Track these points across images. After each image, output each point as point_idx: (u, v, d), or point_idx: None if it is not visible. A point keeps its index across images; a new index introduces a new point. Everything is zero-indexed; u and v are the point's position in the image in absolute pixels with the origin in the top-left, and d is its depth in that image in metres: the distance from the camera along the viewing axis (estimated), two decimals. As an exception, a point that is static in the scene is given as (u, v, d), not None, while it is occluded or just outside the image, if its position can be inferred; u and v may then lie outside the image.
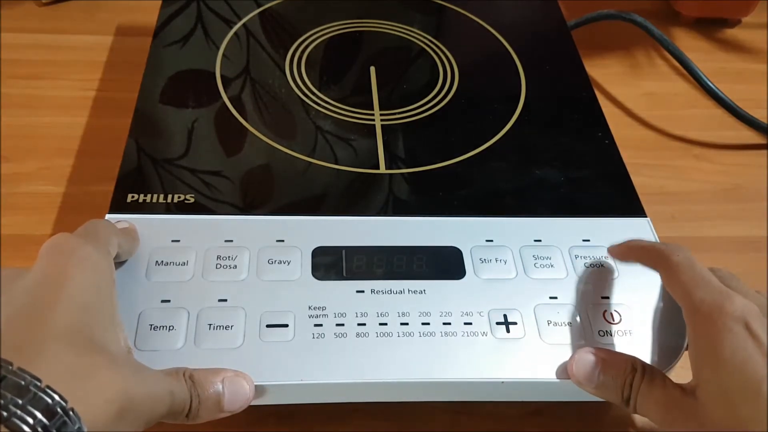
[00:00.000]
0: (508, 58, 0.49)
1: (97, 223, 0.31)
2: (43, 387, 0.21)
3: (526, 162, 0.41)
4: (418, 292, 0.33)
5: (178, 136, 0.40)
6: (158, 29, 0.48)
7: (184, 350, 0.30)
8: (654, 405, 0.29)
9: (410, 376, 0.30)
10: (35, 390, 0.21)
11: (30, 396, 0.21)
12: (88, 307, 0.26)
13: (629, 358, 0.30)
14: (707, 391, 0.27)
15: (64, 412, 0.21)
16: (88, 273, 0.27)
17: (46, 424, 0.21)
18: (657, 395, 0.29)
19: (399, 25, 0.51)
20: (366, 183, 0.39)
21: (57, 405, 0.21)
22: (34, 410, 0.21)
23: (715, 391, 0.26)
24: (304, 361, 0.30)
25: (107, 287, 0.28)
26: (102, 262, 0.28)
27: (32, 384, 0.21)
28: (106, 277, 0.28)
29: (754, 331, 0.26)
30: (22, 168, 0.45)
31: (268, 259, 0.34)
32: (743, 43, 0.62)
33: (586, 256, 0.35)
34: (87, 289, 0.26)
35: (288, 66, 0.46)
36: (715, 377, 0.27)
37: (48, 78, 0.52)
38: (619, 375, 0.30)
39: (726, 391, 0.26)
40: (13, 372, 0.21)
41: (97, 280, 0.27)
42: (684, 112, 0.55)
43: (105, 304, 0.27)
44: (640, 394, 0.29)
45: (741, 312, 0.27)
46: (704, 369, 0.27)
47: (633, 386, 0.29)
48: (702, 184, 0.49)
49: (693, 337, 0.28)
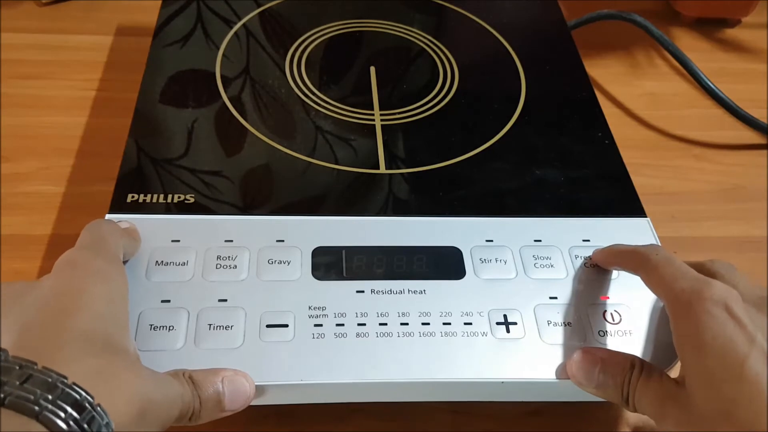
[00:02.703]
0: (508, 58, 0.49)
1: (102, 228, 0.31)
2: (69, 383, 0.22)
3: (526, 162, 0.41)
4: (418, 292, 0.33)
5: (178, 136, 0.40)
6: (158, 29, 0.48)
7: (184, 350, 0.30)
8: (650, 400, 0.29)
9: (410, 376, 0.30)
10: (62, 386, 0.21)
11: (59, 392, 0.21)
12: (103, 315, 0.26)
13: (628, 356, 0.31)
14: (692, 376, 0.27)
15: (92, 407, 0.22)
16: (100, 285, 0.27)
17: (77, 417, 0.21)
18: (653, 390, 0.29)
19: (399, 25, 0.51)
20: (366, 183, 0.39)
21: (85, 400, 0.22)
22: (65, 404, 0.21)
23: (699, 375, 0.26)
24: (304, 361, 0.30)
25: (120, 296, 0.28)
26: (113, 272, 0.29)
27: (59, 381, 0.22)
28: (119, 286, 0.28)
29: (734, 313, 0.26)
30: (22, 168, 0.45)
31: (268, 259, 0.34)
32: (743, 43, 0.62)
33: (586, 256, 0.35)
34: (101, 300, 0.27)
35: (288, 66, 0.46)
36: (697, 362, 0.27)
37: (48, 78, 0.52)
38: (618, 373, 0.30)
39: (710, 375, 0.26)
40: (39, 370, 0.22)
41: (110, 290, 0.28)
42: (684, 112, 0.55)
43: (119, 311, 0.28)
44: (638, 391, 0.29)
45: (720, 296, 0.27)
46: (688, 355, 0.27)
47: (631, 384, 0.29)
48: (702, 184, 0.49)
49: (675, 326, 0.28)
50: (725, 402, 0.25)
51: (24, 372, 0.21)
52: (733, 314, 0.26)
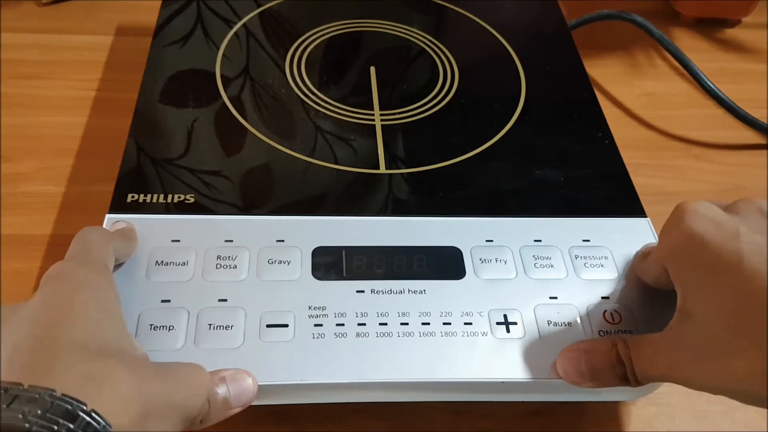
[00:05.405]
0: (508, 58, 0.49)
1: (89, 237, 0.30)
2: (58, 396, 0.21)
3: (526, 162, 0.41)
4: (418, 292, 0.33)
5: (178, 136, 0.40)
6: (158, 29, 0.48)
7: (184, 350, 0.30)
8: (652, 363, 0.28)
9: (410, 376, 0.30)
10: (51, 399, 0.21)
11: (47, 406, 0.21)
12: (95, 320, 0.26)
13: (608, 339, 0.31)
14: (690, 298, 0.28)
15: (86, 414, 0.21)
16: (87, 293, 0.27)
17: (70, 427, 0.21)
18: (650, 353, 0.29)
19: (399, 25, 0.51)
20: (366, 183, 0.39)
21: (77, 408, 0.21)
22: (55, 416, 0.21)
23: (697, 290, 0.27)
24: (304, 361, 0.30)
25: (111, 302, 0.28)
26: (101, 280, 0.28)
27: (47, 394, 0.21)
28: (108, 293, 0.28)
29: (711, 217, 0.28)
30: (22, 168, 0.45)
31: (268, 259, 0.34)
32: (743, 43, 0.62)
33: (586, 256, 0.35)
34: (91, 308, 0.26)
35: (288, 66, 0.46)
36: (693, 276, 0.27)
37: (48, 78, 0.52)
38: (603, 357, 0.30)
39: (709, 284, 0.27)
40: (25, 390, 0.21)
41: (99, 299, 0.27)
42: (684, 112, 0.55)
43: (112, 317, 0.27)
44: (637, 364, 0.29)
45: (690, 206, 0.28)
46: (686, 280, 0.28)
47: (624, 360, 0.29)
48: (702, 184, 0.49)
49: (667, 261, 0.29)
50: (717, 294, 0.26)
51: (9, 395, 0.21)
52: (711, 218, 0.27)
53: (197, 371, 0.27)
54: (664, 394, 0.36)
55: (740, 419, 0.36)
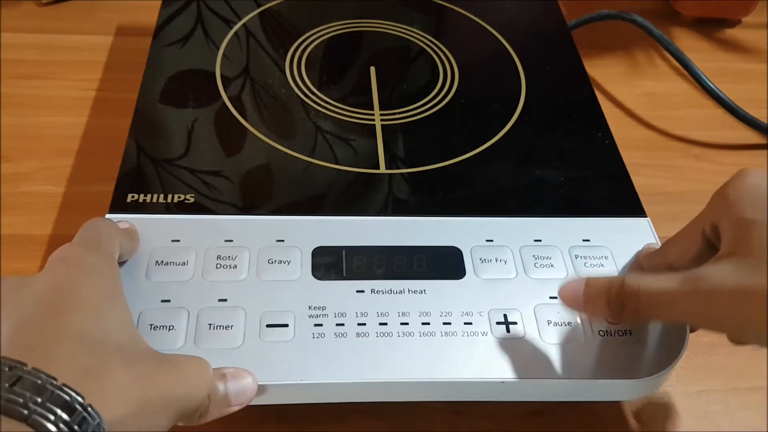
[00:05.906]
0: (508, 58, 0.49)
1: (99, 226, 0.31)
2: (59, 385, 0.22)
3: (526, 162, 0.41)
4: (418, 292, 0.33)
5: (178, 136, 0.40)
6: (158, 29, 0.48)
7: (184, 350, 0.30)
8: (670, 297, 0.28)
9: (410, 376, 0.30)
10: (52, 388, 0.21)
11: (48, 394, 0.21)
12: (98, 311, 0.26)
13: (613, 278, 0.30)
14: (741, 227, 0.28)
15: (83, 409, 0.21)
16: (93, 281, 0.27)
17: (67, 420, 0.21)
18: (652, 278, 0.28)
19: (399, 25, 0.51)
20: (366, 183, 0.39)
21: (75, 401, 0.21)
22: (54, 407, 0.21)
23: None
24: (304, 361, 0.30)
25: (115, 292, 0.28)
26: (106, 269, 0.28)
27: (49, 382, 0.21)
28: (113, 282, 0.28)
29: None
30: (22, 168, 0.45)
31: (268, 259, 0.34)
32: (743, 43, 0.62)
33: (586, 256, 0.35)
34: (95, 296, 0.26)
35: (288, 66, 0.46)
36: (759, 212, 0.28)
37: (48, 78, 0.52)
38: (600, 288, 0.30)
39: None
40: (29, 372, 0.22)
41: (103, 287, 0.27)
42: (684, 112, 0.55)
43: (115, 307, 0.27)
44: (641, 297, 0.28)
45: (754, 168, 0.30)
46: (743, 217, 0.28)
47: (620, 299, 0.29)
48: (702, 184, 0.49)
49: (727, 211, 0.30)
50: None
51: (14, 374, 0.21)
52: None
53: (200, 365, 0.27)
54: (664, 394, 0.36)
55: (740, 419, 0.36)
